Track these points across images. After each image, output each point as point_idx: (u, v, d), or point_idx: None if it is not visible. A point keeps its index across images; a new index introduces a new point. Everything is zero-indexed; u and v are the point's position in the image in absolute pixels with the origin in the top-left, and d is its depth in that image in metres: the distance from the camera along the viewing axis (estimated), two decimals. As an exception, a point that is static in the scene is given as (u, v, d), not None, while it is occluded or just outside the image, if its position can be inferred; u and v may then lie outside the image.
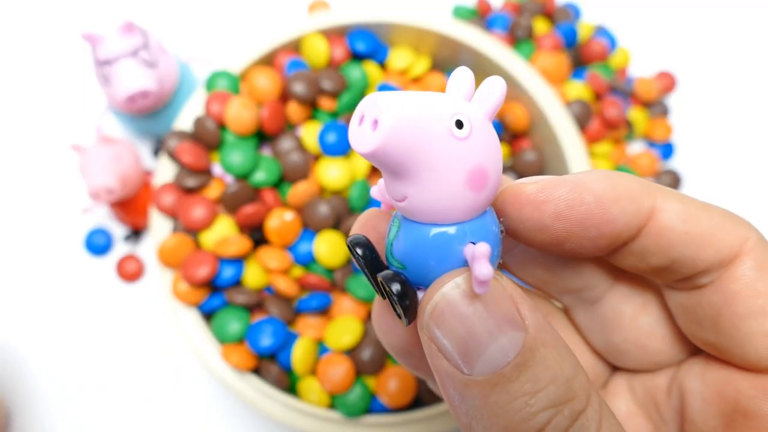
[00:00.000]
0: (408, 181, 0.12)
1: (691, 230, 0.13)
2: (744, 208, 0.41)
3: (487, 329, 0.11)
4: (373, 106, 0.11)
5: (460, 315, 0.11)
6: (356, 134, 0.11)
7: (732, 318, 0.13)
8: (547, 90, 0.33)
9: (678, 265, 0.13)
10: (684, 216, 0.13)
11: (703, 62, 0.45)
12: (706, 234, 0.13)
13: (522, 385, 0.11)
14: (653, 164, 0.41)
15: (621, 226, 0.13)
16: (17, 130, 0.41)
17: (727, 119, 0.43)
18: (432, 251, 0.12)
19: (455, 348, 0.11)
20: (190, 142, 0.31)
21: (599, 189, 0.13)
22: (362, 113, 0.11)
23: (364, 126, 0.11)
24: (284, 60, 0.34)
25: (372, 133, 0.11)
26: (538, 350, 0.11)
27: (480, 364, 0.11)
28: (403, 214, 0.12)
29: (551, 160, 0.34)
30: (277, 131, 0.33)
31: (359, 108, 0.11)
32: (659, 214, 0.13)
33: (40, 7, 0.45)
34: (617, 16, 0.45)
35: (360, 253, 0.13)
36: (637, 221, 0.13)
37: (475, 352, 0.11)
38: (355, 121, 0.11)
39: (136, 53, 0.33)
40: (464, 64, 0.38)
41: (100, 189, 0.33)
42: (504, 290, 0.12)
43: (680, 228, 0.13)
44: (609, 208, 0.13)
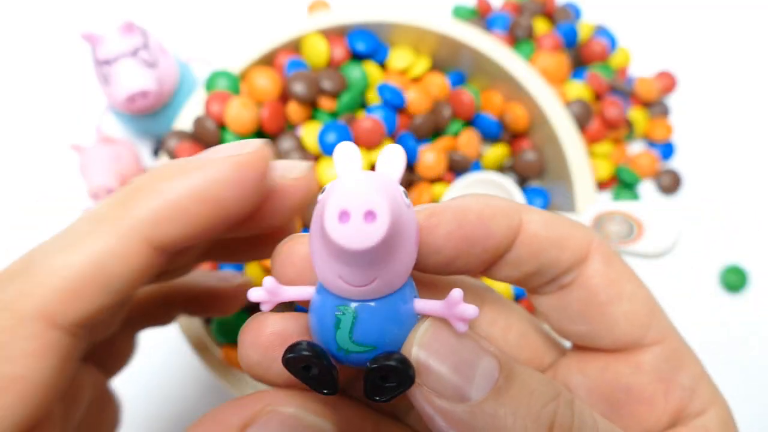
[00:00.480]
0: (381, 263, 0.12)
1: (552, 235, 0.15)
2: (744, 207, 0.41)
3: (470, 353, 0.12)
4: (357, 199, 0.10)
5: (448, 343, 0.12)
6: (353, 233, 0.10)
7: (598, 306, 0.15)
8: (547, 90, 0.33)
9: (545, 267, 0.15)
10: (545, 224, 0.15)
11: (703, 62, 0.45)
12: (563, 237, 0.15)
13: (519, 391, 0.12)
14: (653, 164, 0.41)
15: (499, 239, 0.14)
16: (17, 130, 0.41)
17: (727, 119, 0.43)
18: (399, 319, 0.13)
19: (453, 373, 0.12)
20: (190, 142, 0.31)
21: (478, 209, 0.14)
22: (342, 210, 0.10)
23: (355, 223, 0.10)
24: (284, 60, 0.34)
25: (373, 225, 0.10)
26: (512, 366, 0.12)
27: (477, 383, 0.12)
28: (359, 298, 0.12)
29: (551, 160, 0.34)
30: (277, 131, 0.33)
31: (336, 206, 0.10)
32: (526, 225, 0.15)
33: (40, 7, 0.45)
34: (617, 16, 0.45)
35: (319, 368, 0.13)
36: (511, 233, 0.14)
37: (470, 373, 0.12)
38: (334, 221, 0.10)
39: (136, 53, 0.33)
40: (464, 64, 0.38)
41: (100, 189, 0.33)
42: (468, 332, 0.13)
43: (544, 234, 0.15)
44: (488, 224, 0.14)
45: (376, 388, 0.12)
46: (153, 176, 0.13)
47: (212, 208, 0.13)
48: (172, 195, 0.13)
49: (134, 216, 0.12)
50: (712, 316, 0.38)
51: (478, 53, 0.34)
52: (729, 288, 0.39)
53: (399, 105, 0.33)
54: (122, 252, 0.12)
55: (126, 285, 0.13)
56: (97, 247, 0.12)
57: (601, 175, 0.39)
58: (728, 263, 0.39)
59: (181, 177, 0.13)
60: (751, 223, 0.41)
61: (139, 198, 0.13)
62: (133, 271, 0.13)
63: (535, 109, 0.33)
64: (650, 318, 0.15)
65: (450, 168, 0.34)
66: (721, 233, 0.40)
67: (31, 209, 0.39)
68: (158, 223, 0.12)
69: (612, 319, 0.15)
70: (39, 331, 0.12)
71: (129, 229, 0.12)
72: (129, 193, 0.13)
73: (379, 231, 0.10)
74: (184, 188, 0.13)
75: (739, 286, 0.38)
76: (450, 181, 0.34)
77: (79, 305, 0.12)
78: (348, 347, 0.13)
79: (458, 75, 0.36)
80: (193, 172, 0.13)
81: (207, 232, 0.13)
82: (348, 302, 0.12)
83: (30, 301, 0.12)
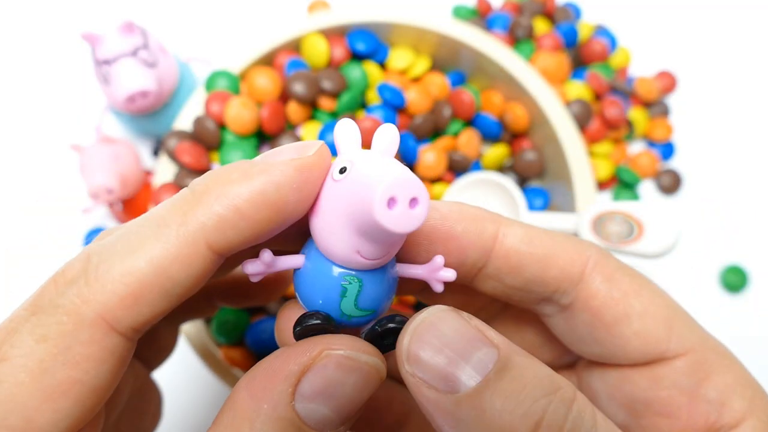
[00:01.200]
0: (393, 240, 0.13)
1: (534, 251, 0.14)
2: (744, 207, 0.41)
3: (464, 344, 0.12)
4: (405, 187, 0.11)
5: (440, 335, 0.12)
6: (400, 217, 0.11)
7: (604, 329, 0.14)
8: (547, 90, 0.33)
9: (530, 285, 0.15)
10: (526, 239, 0.14)
11: (703, 62, 0.45)
12: (548, 254, 0.14)
13: (510, 384, 0.12)
14: (653, 164, 0.41)
15: (465, 244, 0.14)
16: (17, 130, 0.41)
17: (728, 119, 0.43)
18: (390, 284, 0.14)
19: (443, 366, 0.12)
20: (190, 142, 0.31)
21: (446, 210, 0.14)
22: (391, 197, 0.11)
23: (401, 208, 0.11)
24: (284, 60, 0.34)
25: (416, 210, 0.11)
26: (513, 358, 0.12)
27: (466, 375, 0.12)
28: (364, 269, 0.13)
29: (551, 160, 0.34)
30: (277, 131, 0.33)
31: (385, 194, 0.11)
32: (503, 238, 0.14)
33: (40, 7, 0.45)
34: (617, 16, 0.45)
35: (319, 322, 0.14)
36: (482, 242, 0.14)
37: (460, 365, 0.12)
38: (383, 207, 0.11)
39: (135, 53, 0.33)
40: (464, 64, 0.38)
41: (100, 189, 0.33)
42: (468, 322, 0.13)
43: (524, 249, 0.14)
44: (453, 226, 0.14)
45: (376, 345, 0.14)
46: (216, 179, 0.13)
47: (275, 212, 0.13)
48: (236, 200, 0.12)
49: (198, 221, 0.12)
50: (712, 316, 0.38)
51: (478, 53, 0.34)
52: (729, 288, 0.39)
53: (399, 105, 0.33)
54: (185, 258, 0.12)
55: (186, 289, 0.13)
56: (159, 252, 0.12)
57: (601, 175, 0.39)
58: (728, 263, 0.39)
59: (245, 181, 0.12)
60: (751, 223, 0.41)
61: (203, 202, 0.12)
62: (194, 276, 0.12)
63: (535, 109, 0.33)
64: (668, 332, 0.14)
65: (450, 168, 0.34)
66: (721, 233, 0.40)
67: (31, 209, 0.39)
68: (221, 228, 0.12)
69: (622, 340, 0.14)
70: (98, 336, 0.12)
71: (192, 235, 0.12)
72: (192, 197, 0.13)
73: (422, 215, 0.11)
74: (248, 193, 0.12)
75: (739, 286, 0.38)
76: (450, 181, 0.34)
77: (139, 311, 0.12)
78: (351, 313, 0.14)
79: (458, 75, 0.36)
80: (257, 176, 0.12)
81: (267, 234, 0.13)
82: (353, 273, 0.13)
83: (91, 307, 0.12)
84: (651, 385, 0.14)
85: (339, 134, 0.13)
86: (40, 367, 0.11)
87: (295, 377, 0.13)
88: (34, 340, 0.12)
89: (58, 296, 0.12)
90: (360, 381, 0.13)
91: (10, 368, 0.11)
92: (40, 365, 0.12)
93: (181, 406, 0.35)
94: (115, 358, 0.12)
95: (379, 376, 0.13)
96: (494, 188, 0.33)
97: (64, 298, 0.12)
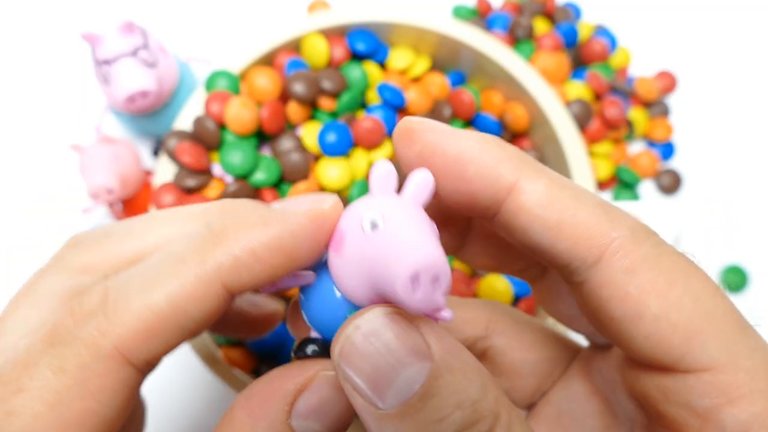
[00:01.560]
0: None
1: (547, 217, 0.13)
2: (744, 207, 0.41)
3: (391, 363, 0.12)
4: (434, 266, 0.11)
5: (365, 354, 0.12)
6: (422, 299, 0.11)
7: (611, 321, 0.13)
8: (547, 90, 0.33)
9: (540, 249, 0.13)
10: (544, 201, 0.13)
11: (703, 62, 0.45)
12: (563, 223, 0.13)
13: (429, 414, 0.11)
14: (653, 164, 0.41)
15: (475, 189, 0.13)
16: (17, 130, 0.41)
17: (728, 119, 0.43)
18: None
19: (366, 385, 0.12)
20: (190, 142, 0.31)
21: (464, 145, 0.13)
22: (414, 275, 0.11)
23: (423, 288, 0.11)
24: (284, 60, 0.34)
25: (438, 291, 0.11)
26: (443, 377, 0.12)
27: (389, 397, 0.12)
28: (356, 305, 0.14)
29: (551, 160, 0.34)
30: (277, 131, 0.33)
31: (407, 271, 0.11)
32: (518, 193, 0.13)
33: (40, 7, 0.45)
34: (617, 16, 0.45)
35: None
36: (494, 191, 0.13)
37: (384, 386, 0.12)
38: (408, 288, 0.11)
39: (135, 53, 0.33)
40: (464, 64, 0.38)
41: (100, 189, 0.33)
42: (408, 323, 0.12)
43: (536, 212, 0.13)
44: (465, 167, 0.13)
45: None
46: (235, 222, 0.13)
47: (288, 258, 0.13)
48: (253, 243, 0.13)
49: (216, 261, 0.13)
50: (712, 316, 0.38)
51: (478, 53, 0.34)
52: (729, 288, 0.39)
53: (399, 105, 0.33)
54: (201, 296, 0.13)
55: (199, 325, 0.13)
56: (177, 289, 0.13)
57: (601, 175, 0.39)
58: (728, 263, 0.39)
59: (263, 227, 0.13)
60: (751, 223, 0.41)
61: (221, 244, 0.13)
62: (208, 313, 0.13)
63: (535, 109, 0.33)
64: (686, 342, 0.12)
65: (450, 168, 0.34)
66: (721, 233, 0.40)
67: (31, 209, 0.39)
68: (237, 269, 0.13)
69: (627, 337, 0.13)
70: (114, 368, 0.12)
71: (209, 274, 0.13)
72: (211, 237, 0.13)
73: (443, 298, 0.11)
74: (266, 238, 0.13)
75: (739, 286, 0.38)
76: (450, 181, 0.34)
77: (155, 345, 0.13)
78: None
79: (458, 75, 0.36)
80: (275, 223, 0.13)
81: (277, 278, 0.14)
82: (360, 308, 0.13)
83: (108, 339, 0.12)
84: (660, 397, 0.13)
85: (375, 177, 0.13)
86: (56, 398, 0.12)
87: (292, 396, 0.13)
88: (51, 372, 0.12)
89: (77, 328, 0.12)
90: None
91: (27, 400, 0.12)
92: (57, 397, 0.12)
93: (180, 406, 0.35)
94: (127, 389, 0.13)
95: None
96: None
97: (83, 330, 0.12)
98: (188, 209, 0.15)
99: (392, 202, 0.13)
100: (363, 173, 0.32)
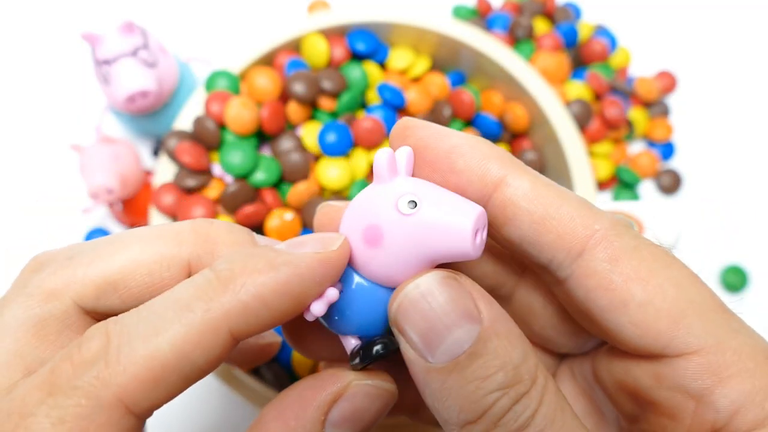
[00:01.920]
0: None
1: (533, 210, 0.13)
2: (744, 207, 0.41)
3: (444, 323, 0.12)
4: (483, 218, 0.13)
5: (421, 311, 0.13)
6: (480, 245, 0.13)
7: (599, 311, 0.13)
8: (547, 90, 0.33)
9: (525, 244, 0.14)
10: (530, 196, 0.13)
11: (703, 62, 0.45)
12: (547, 217, 0.13)
13: (474, 371, 0.12)
14: (653, 164, 0.41)
15: (464, 182, 0.14)
16: (17, 130, 0.41)
17: (728, 119, 0.43)
18: None
19: (419, 340, 0.13)
20: (190, 142, 0.31)
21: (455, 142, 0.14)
22: (476, 230, 0.13)
23: (479, 237, 0.13)
24: (284, 60, 0.34)
25: (483, 236, 0.13)
26: (491, 341, 0.12)
27: (439, 353, 0.12)
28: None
29: (551, 159, 0.34)
30: (277, 131, 0.33)
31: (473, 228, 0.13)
32: (505, 187, 0.14)
33: (40, 7, 0.45)
34: (617, 16, 0.45)
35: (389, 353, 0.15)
36: (482, 185, 0.14)
37: (435, 343, 0.12)
38: (473, 239, 0.13)
39: (135, 53, 0.33)
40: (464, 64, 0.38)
41: (100, 189, 0.33)
42: (462, 287, 0.13)
43: (523, 205, 0.13)
44: (455, 161, 0.14)
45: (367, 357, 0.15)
46: (243, 267, 0.13)
47: (296, 303, 0.13)
48: (261, 290, 0.13)
49: (222, 308, 0.12)
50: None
51: (478, 53, 0.34)
52: (729, 288, 0.39)
53: (399, 105, 0.33)
54: (207, 343, 0.12)
55: (204, 372, 0.13)
56: (183, 337, 0.12)
57: (601, 175, 0.39)
58: (728, 263, 0.39)
59: (271, 272, 0.13)
60: (751, 223, 0.41)
61: (228, 290, 0.13)
62: (213, 359, 0.13)
63: (535, 109, 0.33)
64: (673, 327, 0.13)
65: (450, 168, 0.34)
66: (721, 233, 0.40)
67: (31, 209, 0.39)
68: (245, 317, 0.13)
69: (615, 327, 0.13)
70: (115, 419, 0.12)
71: (216, 321, 0.12)
72: (217, 283, 0.13)
73: (484, 242, 0.13)
74: (274, 283, 0.13)
75: (739, 286, 0.38)
76: (450, 181, 0.34)
77: (157, 393, 0.12)
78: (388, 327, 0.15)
79: (458, 75, 0.36)
80: (282, 267, 0.13)
81: (283, 322, 0.13)
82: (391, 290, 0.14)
83: (111, 390, 0.12)
84: (653, 383, 0.13)
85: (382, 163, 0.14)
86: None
87: (327, 406, 0.14)
88: (50, 423, 0.12)
89: (76, 378, 0.12)
90: (382, 406, 0.14)
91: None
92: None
93: (180, 406, 0.35)
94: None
95: (393, 399, 0.15)
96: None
97: (82, 380, 0.12)
98: (157, 230, 0.15)
99: (410, 182, 0.14)
100: (363, 173, 0.32)
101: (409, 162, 0.14)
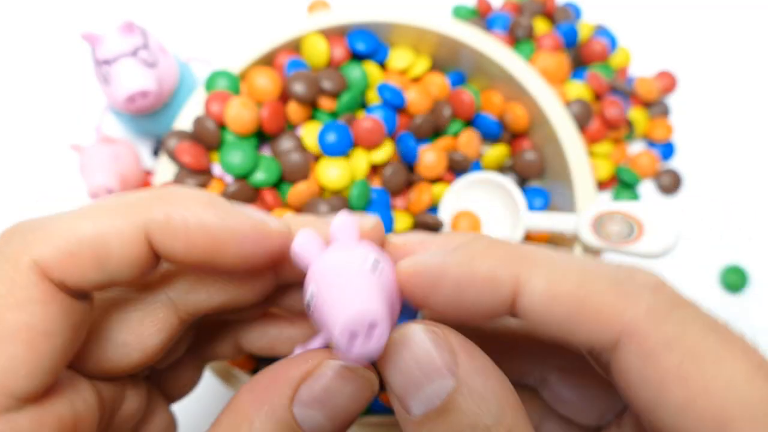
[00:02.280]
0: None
1: (556, 311, 0.12)
2: (744, 207, 0.41)
3: (421, 374, 0.12)
4: (362, 318, 0.12)
5: (401, 361, 0.13)
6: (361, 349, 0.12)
7: (639, 410, 0.12)
8: (547, 90, 0.33)
9: (561, 341, 0.13)
10: (549, 295, 0.12)
11: (703, 62, 0.45)
12: (573, 315, 0.12)
13: (443, 427, 0.12)
14: (653, 164, 0.41)
15: (485, 308, 0.13)
16: (17, 130, 0.41)
17: (728, 119, 0.43)
18: None
19: (397, 391, 0.13)
20: (190, 142, 0.31)
21: (456, 275, 0.13)
22: (351, 333, 0.12)
23: (360, 339, 0.12)
24: (284, 60, 0.34)
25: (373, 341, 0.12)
26: (462, 397, 0.12)
27: (414, 406, 0.13)
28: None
29: (551, 160, 0.34)
30: (277, 131, 0.33)
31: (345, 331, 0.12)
32: (520, 297, 0.13)
33: (40, 7, 0.45)
34: (617, 16, 0.45)
35: None
36: (500, 302, 0.13)
37: (411, 394, 0.13)
38: (344, 343, 0.12)
39: (135, 53, 0.33)
40: (464, 64, 0.38)
41: (100, 189, 0.33)
42: (444, 339, 0.13)
43: (542, 311, 0.12)
44: (466, 293, 0.13)
45: None
46: (181, 193, 0.14)
47: (213, 250, 0.13)
48: (186, 214, 0.13)
49: (147, 215, 0.13)
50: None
51: (478, 53, 0.34)
52: (729, 288, 0.39)
53: (399, 105, 0.33)
54: (125, 237, 0.13)
55: (118, 273, 0.13)
56: (103, 222, 0.13)
57: (601, 175, 0.39)
58: (728, 263, 0.39)
59: (206, 207, 0.13)
60: (751, 223, 0.41)
61: (158, 204, 0.13)
62: (129, 261, 0.13)
63: (535, 109, 0.33)
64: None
65: (450, 168, 0.34)
66: (721, 233, 0.40)
67: (31, 209, 0.39)
68: (165, 230, 0.13)
69: (657, 425, 0.12)
70: (36, 280, 0.12)
71: (137, 220, 0.13)
72: (149, 198, 0.14)
73: (380, 345, 0.12)
74: (202, 215, 0.13)
75: (739, 286, 0.38)
76: (450, 181, 0.34)
77: (73, 270, 0.13)
78: None
79: (458, 75, 0.36)
80: (220, 213, 0.14)
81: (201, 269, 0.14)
82: None
83: (28, 253, 0.12)
84: None
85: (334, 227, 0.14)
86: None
87: (296, 382, 0.13)
88: None
89: (4, 245, 0.13)
90: (355, 392, 0.14)
91: None
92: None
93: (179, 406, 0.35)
94: (58, 305, 0.13)
95: (371, 390, 0.14)
96: (494, 188, 0.33)
97: (8, 246, 0.13)
98: (122, 200, 0.14)
99: (326, 265, 0.14)
100: (363, 173, 0.32)
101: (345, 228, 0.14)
